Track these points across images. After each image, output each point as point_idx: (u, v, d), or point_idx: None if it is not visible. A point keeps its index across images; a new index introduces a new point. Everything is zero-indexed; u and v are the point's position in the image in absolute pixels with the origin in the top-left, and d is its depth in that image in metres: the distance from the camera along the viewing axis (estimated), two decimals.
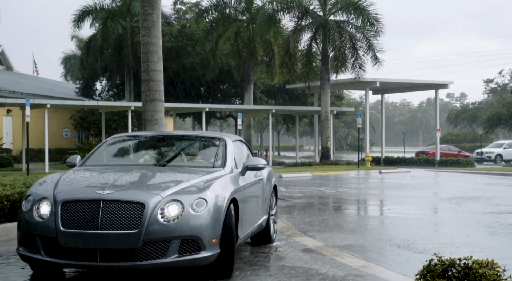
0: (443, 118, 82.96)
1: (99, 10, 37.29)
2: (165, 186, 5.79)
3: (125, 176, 6.15)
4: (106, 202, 5.42)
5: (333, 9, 34.87)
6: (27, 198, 5.89)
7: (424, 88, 40.41)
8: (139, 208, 5.38)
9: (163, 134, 8.00)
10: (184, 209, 5.44)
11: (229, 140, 7.19)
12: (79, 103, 32.69)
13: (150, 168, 6.70)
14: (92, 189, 5.67)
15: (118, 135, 7.81)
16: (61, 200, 5.56)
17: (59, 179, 6.09)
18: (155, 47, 13.76)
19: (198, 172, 6.35)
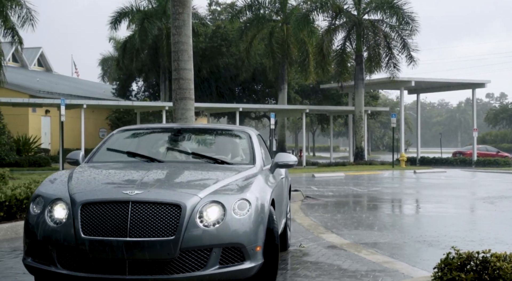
0: (481, 118, 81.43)
1: (135, 11, 37.80)
2: (200, 185, 5.04)
3: (151, 174, 5.24)
4: (136, 204, 4.61)
5: (368, 8, 34.59)
6: (35, 200, 5.01)
7: (460, 88, 39.72)
8: (175, 211, 4.61)
9: (179, 126, 7.14)
10: (226, 212, 4.69)
11: (253, 133, 6.51)
12: (114, 103, 33.18)
13: (172, 165, 5.78)
14: (117, 188, 4.88)
15: (127, 127, 6.93)
16: (81, 202, 4.70)
17: (70, 177, 5.24)
18: (185, 46, 13.84)
19: (229, 169, 5.59)
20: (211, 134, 6.85)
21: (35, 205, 4.96)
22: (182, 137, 6.66)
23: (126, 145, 6.38)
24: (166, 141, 6.61)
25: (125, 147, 6.30)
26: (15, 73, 36.05)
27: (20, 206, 8.99)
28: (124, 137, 6.56)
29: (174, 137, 6.67)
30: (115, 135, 6.49)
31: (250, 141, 6.28)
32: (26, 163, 25.22)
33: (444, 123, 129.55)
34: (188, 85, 13.86)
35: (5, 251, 7.43)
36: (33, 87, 34.99)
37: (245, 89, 43.46)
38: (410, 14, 33.33)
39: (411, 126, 74.61)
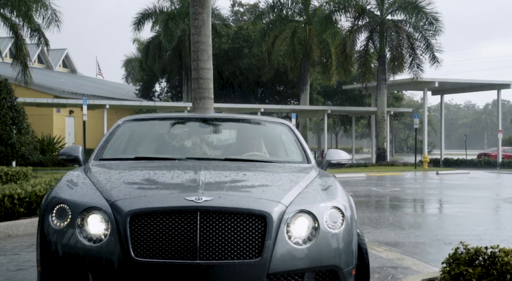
0: (508, 120, 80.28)
1: (158, 13, 38.12)
2: (274, 189, 3.96)
3: (203, 175, 4.09)
4: (206, 215, 3.48)
5: (391, 9, 34.39)
6: (55, 208, 3.74)
7: (485, 89, 39.25)
8: (260, 224, 3.52)
9: (206, 116, 5.90)
10: (319, 225, 3.67)
11: (292, 125, 5.58)
12: (137, 104, 33.50)
13: (218, 164, 4.65)
14: (175, 193, 3.78)
15: (137, 117, 5.71)
16: (130, 212, 3.51)
17: (95, 178, 4.11)
18: (205, 45, 13.93)
19: (290, 169, 4.65)
20: (246, 126, 5.69)
21: (57, 216, 3.70)
22: (209, 129, 5.59)
23: (139, 139, 5.39)
24: (190, 134, 5.50)
25: (138, 141, 5.34)
26: (40, 74, 36.60)
27: (40, 202, 9.15)
28: (134, 128, 5.44)
29: (200, 129, 5.58)
30: (122, 126, 5.34)
31: (294, 135, 5.35)
32: (50, 162, 25.58)
33: (470, 125, 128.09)
34: (207, 85, 13.95)
35: (24, 245, 7.59)
36: (57, 88, 35.49)
37: (267, 90, 43.52)
38: (434, 14, 33.07)
39: (436, 128, 73.87)
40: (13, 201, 8.68)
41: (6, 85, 20.11)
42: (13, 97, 20.22)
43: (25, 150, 20.11)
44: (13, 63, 25.14)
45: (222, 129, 5.69)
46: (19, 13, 23.92)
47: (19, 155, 19.95)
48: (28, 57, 25.64)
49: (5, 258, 6.71)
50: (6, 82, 20.34)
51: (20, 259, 6.62)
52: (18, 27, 24.62)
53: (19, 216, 8.82)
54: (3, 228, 8.29)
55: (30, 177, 13.37)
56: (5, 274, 5.88)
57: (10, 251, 7.17)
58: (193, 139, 5.38)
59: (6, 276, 5.79)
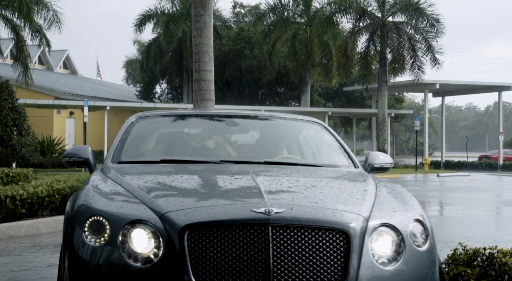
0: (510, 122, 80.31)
1: (160, 14, 38.23)
2: (347, 199, 3.40)
3: (262, 180, 3.53)
4: (280, 229, 2.93)
5: (391, 10, 34.45)
6: (87, 221, 3.12)
7: (486, 90, 39.30)
8: (341, 241, 2.99)
9: (232, 113, 5.11)
10: (404, 242, 3.13)
11: (326, 124, 5.05)
12: (137, 105, 33.60)
13: (261, 169, 4.00)
14: (240, 203, 3.17)
15: (151, 113, 5.02)
16: (187, 226, 2.93)
17: (128, 185, 3.47)
18: (206, 47, 13.98)
19: (343, 174, 4.18)
20: (275, 124, 5.07)
21: (91, 231, 3.08)
22: (237, 128, 4.90)
23: (159, 139, 4.82)
24: (215, 133, 4.85)
25: (159, 141, 4.77)
26: (41, 75, 36.67)
27: (42, 204, 9.21)
28: (151, 127, 4.88)
29: (226, 128, 4.90)
30: (136, 124, 4.68)
31: (331, 135, 4.77)
32: (50, 164, 25.64)
33: (472, 127, 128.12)
34: (208, 87, 14.01)
35: (26, 246, 7.63)
36: (58, 89, 35.57)
37: (268, 92, 43.59)
38: (435, 16, 33.14)
39: (437, 130, 73.92)
40: (15, 202, 8.73)
41: (7, 87, 20.16)
42: (14, 99, 20.26)
43: (26, 151, 20.14)
44: (14, 64, 25.21)
45: (250, 128, 4.96)
46: (20, 15, 24.00)
47: (20, 156, 19.99)
48: (29, 58, 25.73)
49: (7, 258, 6.77)
50: (7, 84, 20.39)
51: (23, 260, 6.67)
52: (20, 28, 24.71)
53: (21, 217, 8.87)
54: (5, 229, 8.34)
55: (31, 178, 13.42)
56: (8, 274, 5.94)
57: (13, 251, 7.23)
58: (218, 139, 4.76)
59: (9, 276, 5.85)
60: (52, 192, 9.45)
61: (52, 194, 9.43)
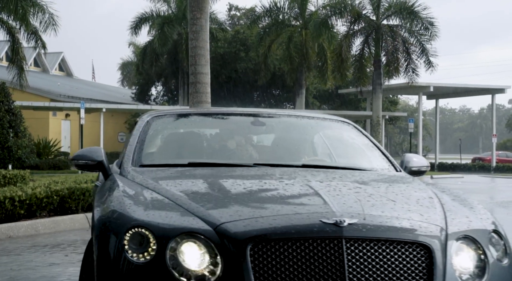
0: (503, 124, 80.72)
1: (155, 17, 38.32)
2: (419, 208, 3.01)
3: (319, 186, 3.17)
4: (353, 242, 2.62)
5: (386, 14, 34.64)
6: (127, 234, 2.71)
7: (479, 93, 39.57)
8: (421, 255, 2.68)
9: (255, 111, 4.65)
10: (486, 256, 2.82)
11: (357, 125, 4.68)
12: (133, 107, 33.68)
13: (308, 173, 3.57)
14: (306, 213, 2.78)
15: (170, 111, 4.65)
16: (250, 239, 2.60)
17: (165, 191, 3.08)
18: (202, 50, 14.12)
19: (395, 179, 3.77)
20: (304, 124, 4.62)
21: (133, 244, 2.68)
22: (264, 128, 4.49)
23: (181, 140, 4.43)
24: (240, 134, 4.39)
25: (181, 142, 4.39)
26: (37, 78, 36.69)
27: (40, 205, 9.31)
28: (169, 126, 4.50)
29: (252, 128, 4.44)
30: (152, 123, 4.23)
31: (364, 136, 4.45)
32: (46, 166, 25.69)
33: (466, 130, 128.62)
34: (204, 89, 14.14)
35: (25, 246, 7.74)
36: (54, 91, 35.60)
37: (263, 94, 43.74)
38: (430, 19, 33.34)
39: (431, 132, 74.19)
40: (14, 203, 8.82)
41: (4, 89, 20.24)
42: (10, 101, 20.33)
43: (22, 153, 20.21)
44: (9, 66, 25.25)
45: (277, 127, 4.55)
46: (16, 17, 24.04)
47: (16, 158, 20.06)
48: (25, 60, 25.76)
49: (8, 258, 6.88)
50: (4, 86, 20.46)
51: (23, 259, 6.78)
52: (15, 31, 24.75)
53: (20, 218, 8.95)
54: (4, 229, 8.44)
55: (28, 180, 13.49)
56: (9, 273, 6.05)
57: (13, 251, 7.33)
58: (245, 140, 4.32)
59: (10, 275, 5.96)
60: (50, 193, 9.55)
61: (50, 195, 9.53)
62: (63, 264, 6.57)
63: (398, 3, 33.50)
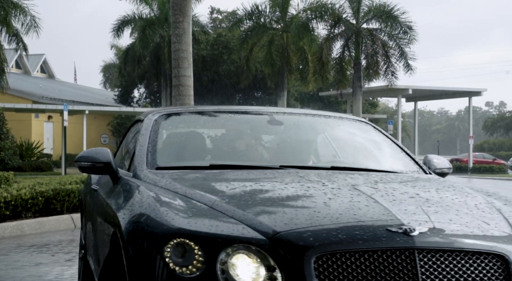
0: (480, 126, 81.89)
1: (137, 19, 38.39)
2: (483, 214, 2.78)
3: (370, 191, 2.91)
4: (426, 253, 2.38)
5: (366, 17, 35.10)
6: (168, 245, 2.41)
7: (457, 96, 40.26)
8: (498, 266, 2.44)
9: (271, 110, 4.30)
10: None
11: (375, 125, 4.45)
12: (116, 110, 33.78)
13: (339, 175, 3.34)
14: (369, 221, 2.52)
15: (176, 110, 4.40)
16: (314, 250, 2.33)
17: (199, 197, 2.77)
18: (185, 53, 14.35)
19: (434, 182, 3.46)
20: (323, 124, 4.36)
21: (176, 257, 2.38)
22: (281, 128, 4.15)
23: (197, 140, 4.11)
24: (257, 133, 4.13)
25: (196, 143, 4.08)
26: (19, 80, 36.62)
27: (25, 206, 9.43)
28: (180, 126, 4.24)
29: (270, 128, 4.14)
30: (161, 123, 3.91)
31: (386, 136, 4.22)
32: (28, 167, 25.70)
33: (444, 131, 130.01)
34: (187, 92, 14.37)
35: (12, 246, 7.85)
36: (36, 93, 35.56)
37: (245, 96, 44.02)
38: (408, 24, 33.86)
39: (410, 134, 75.03)
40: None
41: None
42: None
43: (5, 155, 20.27)
44: None
45: (295, 127, 4.25)
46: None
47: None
48: (6, 62, 25.75)
49: None
50: None
51: (10, 259, 6.90)
52: None
53: (5, 219, 9.06)
54: None
55: (11, 181, 13.60)
56: None
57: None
58: (266, 140, 4.11)
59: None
60: (35, 195, 9.64)
61: (36, 196, 9.63)
62: (50, 263, 6.70)
63: (377, 7, 33.97)
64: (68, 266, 6.55)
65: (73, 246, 7.95)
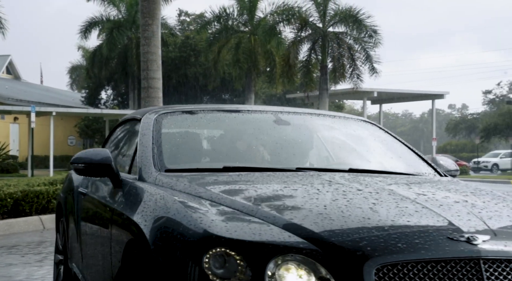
0: (443, 128, 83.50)
1: (105, 21, 38.26)
2: None
3: (413, 195, 2.74)
4: (492, 263, 2.24)
5: (332, 21, 35.62)
6: (206, 255, 2.18)
7: (421, 98, 41.14)
8: None
9: (273, 109, 4.12)
10: None
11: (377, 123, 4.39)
12: (83, 111, 33.61)
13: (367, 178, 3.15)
14: (421, 226, 2.35)
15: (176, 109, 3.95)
16: (376, 260, 2.15)
17: (229, 201, 2.55)
18: (154, 56, 14.51)
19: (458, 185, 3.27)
20: (331, 125, 4.19)
21: (217, 268, 2.17)
22: (289, 128, 3.95)
23: (199, 140, 3.97)
24: (264, 135, 3.85)
25: (198, 142, 3.92)
26: None
27: None
28: (183, 125, 3.92)
29: (277, 129, 3.90)
30: (163, 123, 3.66)
31: (394, 138, 4.15)
32: None
33: (408, 133, 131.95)
34: (156, 94, 14.54)
35: None
36: (1, 95, 35.19)
37: (213, 98, 44.21)
38: (373, 27, 34.45)
39: None
40: None
41: None
42: None
43: None
44: None
45: (303, 127, 4.06)
46: None
47: None
48: None
49: None
50: None
51: None
52: None
53: None
54: None
55: None
56: None
57: None
58: (276, 141, 3.84)
59: None
60: (4, 196, 9.70)
61: (4, 198, 9.66)
62: (20, 264, 6.77)
63: (343, 11, 34.50)
64: (39, 267, 6.65)
65: (42, 247, 8.02)
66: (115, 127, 4.74)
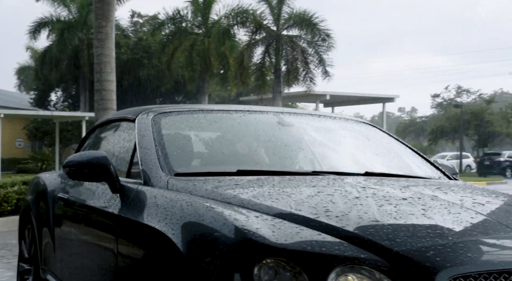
0: (393, 131, 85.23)
1: (55, 22, 37.54)
2: None
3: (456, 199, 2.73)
4: None
5: (286, 24, 35.93)
6: (255, 267, 1.99)
7: (372, 102, 41.94)
8: None
9: (278, 110, 4.03)
10: None
11: None
12: (33, 113, 32.89)
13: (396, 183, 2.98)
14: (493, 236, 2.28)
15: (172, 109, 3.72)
16: (445, 269, 2.03)
17: (265, 207, 2.36)
18: (108, 58, 14.39)
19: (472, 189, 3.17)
20: (336, 126, 4.08)
21: None
22: (293, 129, 3.80)
23: (204, 142, 3.77)
24: (270, 137, 3.66)
25: (213, 146, 3.69)
26: None
27: None
28: (185, 126, 3.68)
29: (282, 130, 3.74)
30: (162, 124, 3.44)
31: (396, 140, 4.06)
32: None
33: None
34: (110, 96, 14.41)
35: None
36: None
37: (166, 100, 43.93)
38: (327, 31, 34.93)
39: None
40: None
41: None
42: None
43: None
44: None
45: (308, 129, 3.90)
46: None
47: None
48: None
49: None
50: None
51: None
52: None
53: None
54: None
55: None
56: None
57: None
58: (284, 143, 3.64)
59: None
60: None
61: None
62: None
63: (297, 14, 34.85)
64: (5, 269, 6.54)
65: (6, 250, 7.97)
66: (93, 129, 4.50)
